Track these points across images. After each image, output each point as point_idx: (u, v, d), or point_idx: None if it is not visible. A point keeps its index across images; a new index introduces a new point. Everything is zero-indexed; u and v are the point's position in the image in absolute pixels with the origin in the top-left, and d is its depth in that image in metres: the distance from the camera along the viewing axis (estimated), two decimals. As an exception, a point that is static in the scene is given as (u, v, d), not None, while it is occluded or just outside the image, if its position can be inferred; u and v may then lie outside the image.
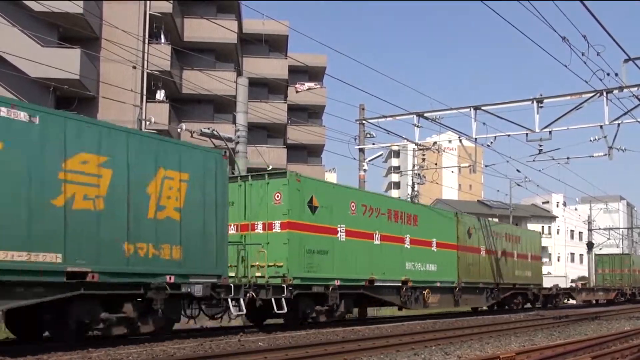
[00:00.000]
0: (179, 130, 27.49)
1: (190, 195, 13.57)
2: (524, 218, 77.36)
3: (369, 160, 27.52)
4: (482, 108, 23.48)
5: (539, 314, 26.60)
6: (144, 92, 32.78)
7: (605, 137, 22.99)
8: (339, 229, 18.16)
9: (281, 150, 44.72)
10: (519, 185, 39.81)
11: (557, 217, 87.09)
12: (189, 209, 13.52)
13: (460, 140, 25.55)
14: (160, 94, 36.02)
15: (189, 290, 13.48)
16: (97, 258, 11.70)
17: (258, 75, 39.00)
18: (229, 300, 14.42)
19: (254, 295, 15.30)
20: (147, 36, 33.88)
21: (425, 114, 24.53)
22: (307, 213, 17.04)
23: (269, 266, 16.27)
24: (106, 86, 28.87)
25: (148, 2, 34.63)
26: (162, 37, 37.14)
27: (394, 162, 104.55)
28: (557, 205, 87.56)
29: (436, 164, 40.50)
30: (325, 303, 17.61)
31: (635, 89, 21.32)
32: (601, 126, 22.30)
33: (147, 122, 28.64)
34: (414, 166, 34.31)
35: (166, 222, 13.04)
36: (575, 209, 79.29)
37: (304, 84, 47.05)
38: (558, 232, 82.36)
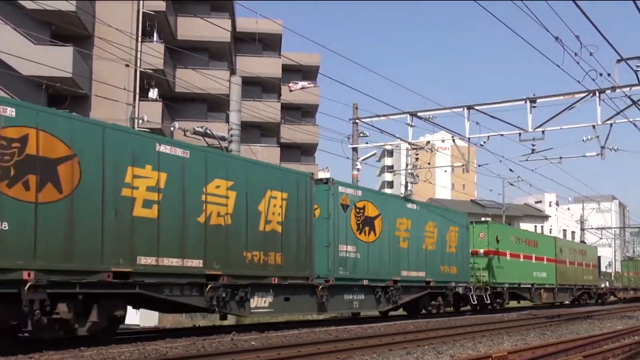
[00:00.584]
0: (172, 129, 27.38)
1: (458, 239, 25.00)
2: (516, 217, 77.51)
3: (363, 160, 27.48)
4: (475, 108, 23.49)
5: (531, 314, 26.68)
6: (137, 91, 32.66)
7: (597, 137, 23.01)
8: (507, 253, 30.00)
9: (275, 150, 44.66)
10: (512, 184, 39.72)
11: (550, 216, 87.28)
12: (459, 247, 24.94)
13: (454, 140, 25.54)
14: (153, 93, 35.89)
15: (458, 290, 24.82)
16: (434, 272, 23.03)
17: (251, 74, 38.94)
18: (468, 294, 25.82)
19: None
20: (140, 34, 33.75)
21: (419, 114, 24.52)
22: (495, 244, 28.94)
23: (476, 276, 27.35)
24: (99, 84, 28.73)
25: (141, 0, 34.50)
26: (155, 35, 37.01)
27: (387, 161, 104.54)
28: (550, 205, 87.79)
29: (429, 163, 40.41)
30: (500, 297, 29.49)
31: (628, 89, 21.34)
32: (594, 126, 22.32)
33: (140, 121, 28.51)
34: (407, 165, 34.19)
35: (450, 254, 24.33)
36: (568, 209, 79.49)
37: (297, 83, 46.82)
38: (550, 232, 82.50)
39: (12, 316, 10.95)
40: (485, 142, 23.95)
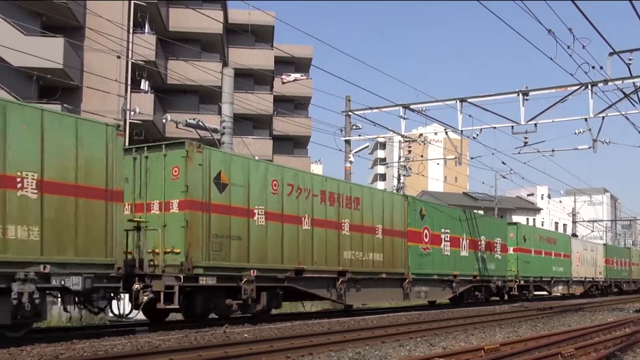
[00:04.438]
0: (163, 121, 27.30)
1: None
2: (509, 210, 77.74)
3: (355, 152, 27.46)
4: (468, 100, 23.48)
5: (523, 305, 26.78)
6: (129, 82, 32.48)
7: (589, 129, 23.11)
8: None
9: (267, 142, 44.56)
10: (504, 177, 39.99)
11: (542, 209, 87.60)
12: None
13: (446, 132, 25.56)
14: (144, 84, 35.71)
15: None
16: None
17: (244, 66, 38.79)
18: None
19: None
20: (131, 26, 33.54)
21: (412, 106, 24.49)
22: None
23: None
24: (90, 76, 28.55)
25: (132, -1, 34.22)
26: (147, 26, 36.79)
27: (380, 153, 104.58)
28: (542, 198, 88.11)
29: (422, 155, 40.48)
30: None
31: (620, 82, 21.40)
32: (586, 119, 22.37)
33: (132, 113, 28.38)
34: (399, 158, 34.29)
35: None
36: (560, 201, 79.80)
37: (290, 75, 46.80)
38: (542, 224, 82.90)
39: None
40: (477, 134, 23.98)
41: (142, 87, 35.46)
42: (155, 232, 13.80)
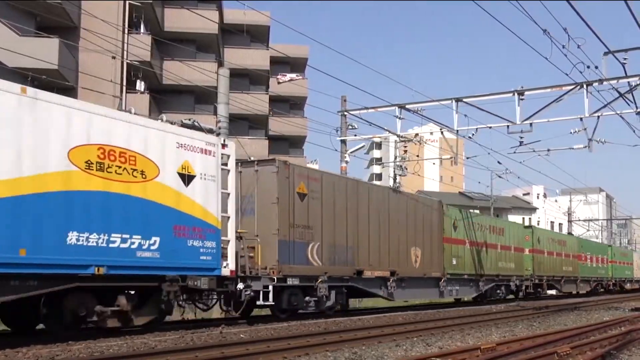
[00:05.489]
0: (159, 121, 27.17)
1: None
2: (504, 209, 77.86)
3: (351, 152, 27.42)
4: (464, 100, 23.49)
5: (519, 305, 26.83)
6: (124, 83, 32.41)
7: (585, 129, 23.12)
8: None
9: (263, 142, 44.54)
10: (500, 177, 39.91)
11: (538, 208, 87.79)
12: None
13: (442, 132, 25.56)
14: (140, 85, 35.64)
15: None
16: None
17: (239, 66, 38.76)
18: None
19: None
20: (126, 26, 33.48)
21: (407, 106, 24.48)
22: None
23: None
24: (85, 76, 28.51)
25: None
26: (142, 27, 36.74)
27: (376, 153, 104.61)
28: (538, 197, 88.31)
29: (418, 155, 40.47)
30: None
31: (615, 81, 21.43)
32: (581, 118, 22.41)
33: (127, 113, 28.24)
34: (395, 158, 34.25)
35: None
36: (556, 201, 79.98)
37: (285, 75, 46.77)
38: (538, 224, 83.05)
39: None
40: (473, 134, 23.98)
41: (137, 87, 35.41)
42: None
